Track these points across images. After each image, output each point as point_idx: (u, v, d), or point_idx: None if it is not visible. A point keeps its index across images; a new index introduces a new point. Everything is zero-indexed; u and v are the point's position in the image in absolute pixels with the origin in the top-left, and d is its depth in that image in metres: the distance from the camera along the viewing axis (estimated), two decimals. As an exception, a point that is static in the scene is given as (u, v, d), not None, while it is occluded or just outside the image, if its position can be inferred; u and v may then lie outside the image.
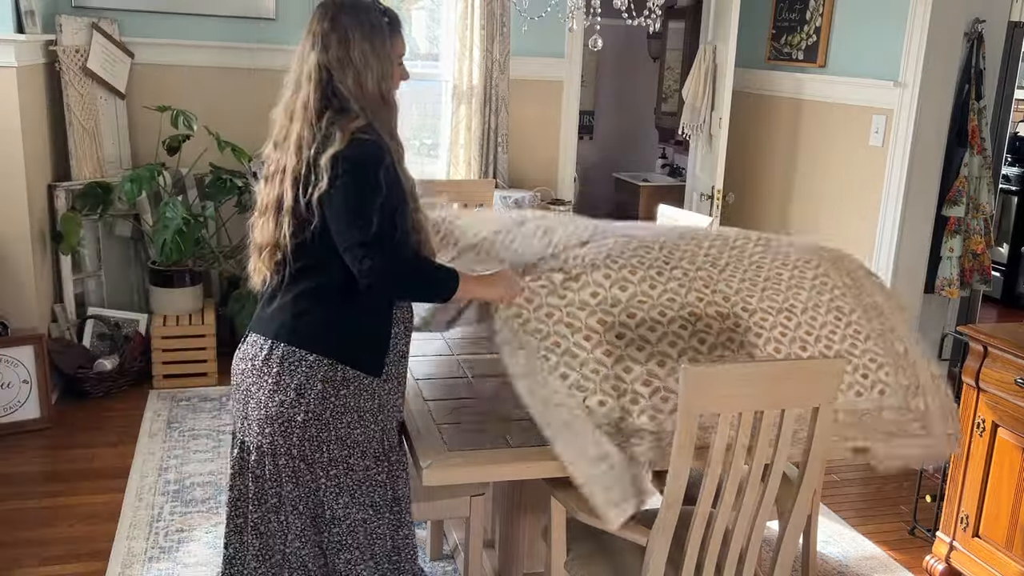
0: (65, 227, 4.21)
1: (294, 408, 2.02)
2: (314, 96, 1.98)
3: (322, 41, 1.99)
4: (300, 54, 2.04)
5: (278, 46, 4.84)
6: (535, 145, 5.39)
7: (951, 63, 4.01)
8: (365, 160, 1.95)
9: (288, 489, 2.07)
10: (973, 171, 4.08)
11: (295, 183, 1.97)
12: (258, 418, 2.06)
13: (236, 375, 2.14)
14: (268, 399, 2.04)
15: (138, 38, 4.63)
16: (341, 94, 1.98)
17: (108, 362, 4.24)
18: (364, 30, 1.99)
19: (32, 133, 4.01)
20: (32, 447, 3.74)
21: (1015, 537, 2.74)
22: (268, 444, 2.06)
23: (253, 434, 2.08)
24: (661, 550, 1.93)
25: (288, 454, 2.05)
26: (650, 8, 2.87)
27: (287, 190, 1.99)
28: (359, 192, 1.93)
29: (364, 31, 1.99)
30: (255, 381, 2.07)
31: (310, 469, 2.06)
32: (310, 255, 2.03)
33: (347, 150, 1.93)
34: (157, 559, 2.97)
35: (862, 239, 4.32)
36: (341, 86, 1.98)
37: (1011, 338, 2.76)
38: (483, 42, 5.02)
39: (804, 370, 1.93)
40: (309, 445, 2.04)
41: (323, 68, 1.98)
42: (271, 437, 2.05)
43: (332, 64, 1.98)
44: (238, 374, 2.13)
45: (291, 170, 1.98)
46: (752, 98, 5.24)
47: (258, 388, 2.06)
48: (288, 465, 2.06)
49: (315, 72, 1.99)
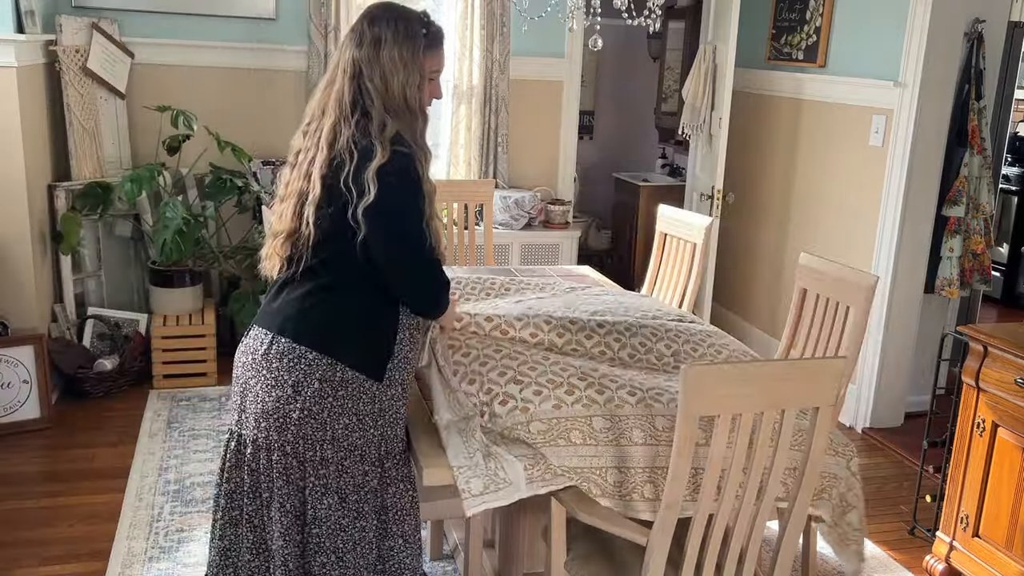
0: (65, 227, 4.21)
1: (290, 404, 2.03)
2: (348, 89, 2.04)
3: (359, 38, 2.07)
4: (340, 48, 2.12)
5: (278, 46, 4.84)
6: (535, 145, 5.39)
7: (951, 63, 4.01)
8: (409, 174, 2.02)
9: (278, 485, 2.07)
10: (973, 171, 4.08)
11: (323, 176, 2.01)
12: (255, 412, 2.07)
13: (237, 367, 2.15)
14: (266, 393, 2.05)
15: (138, 38, 4.63)
16: (368, 92, 2.03)
17: (108, 362, 4.24)
18: (399, 35, 2.05)
19: (32, 133, 4.01)
20: (32, 447, 3.74)
21: (1015, 537, 2.74)
22: (263, 439, 2.06)
23: (250, 428, 2.09)
24: (661, 550, 1.93)
25: (282, 450, 2.05)
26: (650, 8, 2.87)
27: (315, 182, 2.02)
28: (410, 207, 2.02)
29: (398, 36, 2.05)
30: (254, 375, 2.08)
31: (301, 467, 2.06)
32: (329, 252, 2.04)
33: (389, 165, 1.97)
34: (157, 559, 2.97)
35: (862, 239, 4.32)
36: (369, 84, 2.04)
37: (1011, 338, 2.76)
38: (483, 42, 5.02)
39: (804, 370, 1.93)
40: (303, 443, 2.04)
41: (356, 63, 2.05)
42: (266, 432, 2.05)
43: (363, 60, 2.04)
44: (239, 367, 2.14)
45: (321, 162, 2.02)
46: (752, 98, 5.24)
47: (256, 382, 2.07)
48: (280, 461, 2.06)
49: (349, 67, 2.05)
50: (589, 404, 2.17)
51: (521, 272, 3.73)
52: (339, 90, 2.05)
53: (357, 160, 1.98)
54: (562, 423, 2.12)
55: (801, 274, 2.98)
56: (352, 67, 2.05)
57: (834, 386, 1.90)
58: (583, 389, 2.21)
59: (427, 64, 2.09)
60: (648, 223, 5.93)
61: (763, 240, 5.19)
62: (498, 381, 2.23)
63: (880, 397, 4.30)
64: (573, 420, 2.13)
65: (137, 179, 4.24)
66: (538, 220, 5.28)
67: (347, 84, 2.04)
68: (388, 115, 2.02)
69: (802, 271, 2.97)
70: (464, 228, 4.12)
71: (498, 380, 2.23)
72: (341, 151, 2.00)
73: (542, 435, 2.10)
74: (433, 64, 2.12)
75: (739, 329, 5.42)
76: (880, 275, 4.01)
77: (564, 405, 2.16)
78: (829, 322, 2.85)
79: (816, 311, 2.91)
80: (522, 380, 2.23)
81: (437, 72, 2.14)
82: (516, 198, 5.11)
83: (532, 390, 2.20)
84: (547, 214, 5.30)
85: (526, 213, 5.17)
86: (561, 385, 2.22)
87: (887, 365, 4.27)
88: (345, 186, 1.98)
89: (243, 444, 2.12)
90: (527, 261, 5.22)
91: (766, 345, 5.10)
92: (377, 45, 2.04)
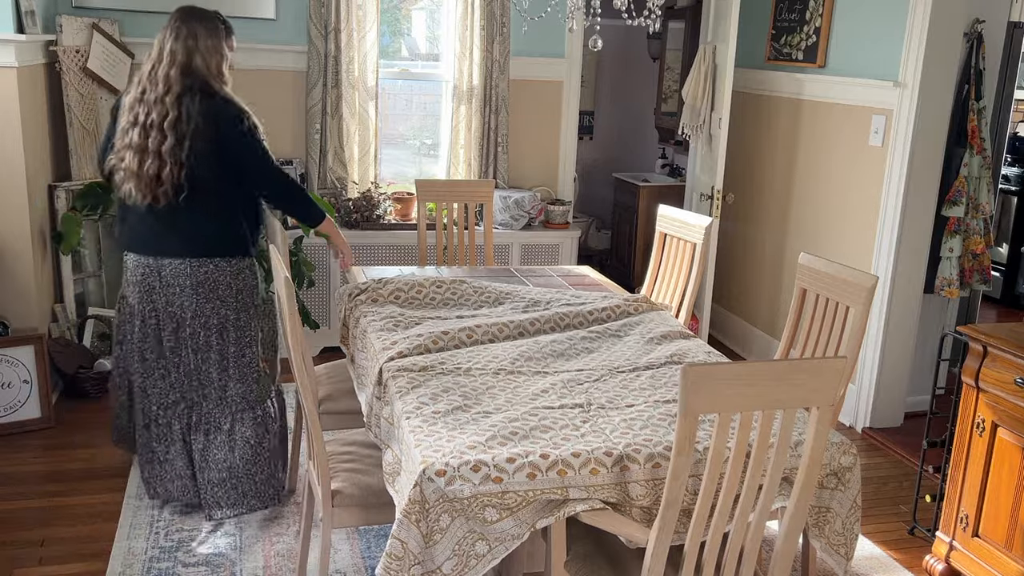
0: (65, 227, 4.21)
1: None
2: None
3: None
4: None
5: (278, 46, 4.84)
6: (535, 145, 5.40)
7: (951, 63, 4.01)
8: (252, 119, 3.07)
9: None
10: (973, 171, 4.08)
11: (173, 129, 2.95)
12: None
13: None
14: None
15: (138, 38, 4.63)
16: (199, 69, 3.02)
17: (108, 362, 4.24)
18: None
19: (32, 133, 4.01)
20: (32, 447, 3.74)
21: (1015, 537, 2.74)
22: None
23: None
24: (661, 550, 1.93)
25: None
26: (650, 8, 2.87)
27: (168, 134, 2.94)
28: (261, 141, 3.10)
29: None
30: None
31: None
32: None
33: (237, 110, 3.04)
34: (157, 559, 2.97)
35: (862, 239, 4.32)
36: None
37: (1011, 338, 2.77)
38: (483, 43, 5.03)
39: (804, 370, 1.93)
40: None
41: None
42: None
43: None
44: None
45: (171, 119, 2.93)
46: (752, 98, 5.24)
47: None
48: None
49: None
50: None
51: (521, 272, 3.73)
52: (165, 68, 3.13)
53: (200, 105, 3.08)
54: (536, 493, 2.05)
55: (801, 274, 2.98)
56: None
57: (834, 386, 1.90)
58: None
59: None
60: (648, 223, 5.93)
61: (763, 240, 5.19)
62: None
63: (880, 397, 4.31)
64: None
65: (137, 179, 4.23)
66: (538, 220, 5.28)
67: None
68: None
69: (802, 271, 2.98)
70: (464, 228, 4.12)
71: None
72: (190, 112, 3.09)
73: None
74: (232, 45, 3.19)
75: (739, 329, 5.43)
76: (880, 275, 4.02)
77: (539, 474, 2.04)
78: (829, 322, 2.85)
79: (816, 311, 2.91)
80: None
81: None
82: (516, 198, 5.12)
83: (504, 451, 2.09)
84: (547, 214, 5.31)
85: (526, 213, 5.18)
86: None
87: (887, 365, 4.27)
88: None
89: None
90: (527, 261, 5.22)
91: (766, 345, 5.10)
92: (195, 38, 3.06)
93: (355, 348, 2.95)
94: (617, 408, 2.34)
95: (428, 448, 2.05)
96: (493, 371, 2.54)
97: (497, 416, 2.24)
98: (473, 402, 2.32)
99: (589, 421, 2.25)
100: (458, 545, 1.98)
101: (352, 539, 3.14)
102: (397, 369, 2.50)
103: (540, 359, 2.66)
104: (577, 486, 2.03)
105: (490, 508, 1.99)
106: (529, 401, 2.35)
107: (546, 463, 2.03)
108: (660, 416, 2.29)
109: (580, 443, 2.11)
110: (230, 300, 3.10)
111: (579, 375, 2.56)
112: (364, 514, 2.49)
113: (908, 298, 4.23)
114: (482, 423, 2.19)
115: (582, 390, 2.45)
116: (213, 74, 3.03)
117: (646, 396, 2.42)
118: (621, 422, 2.24)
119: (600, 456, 2.06)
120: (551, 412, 2.29)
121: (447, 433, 2.13)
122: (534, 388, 2.45)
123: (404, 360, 2.56)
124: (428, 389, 2.38)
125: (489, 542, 2.00)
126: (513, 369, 2.56)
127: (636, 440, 2.13)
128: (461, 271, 3.73)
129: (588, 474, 2.04)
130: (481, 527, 1.99)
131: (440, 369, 2.52)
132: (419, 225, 4.08)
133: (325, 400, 3.07)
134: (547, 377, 2.53)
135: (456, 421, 2.20)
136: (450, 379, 2.46)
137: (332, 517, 2.46)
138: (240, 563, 2.97)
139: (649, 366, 2.64)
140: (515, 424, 2.19)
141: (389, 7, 5.32)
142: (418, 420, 2.20)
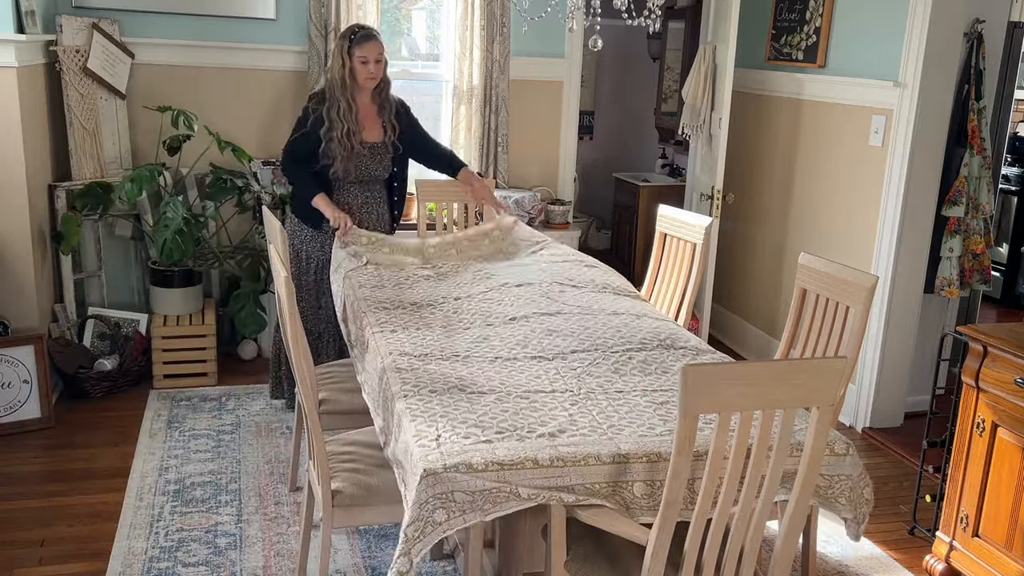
0: (65, 227, 4.21)
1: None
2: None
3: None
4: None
5: (278, 46, 4.84)
6: (535, 145, 5.39)
7: (951, 63, 4.01)
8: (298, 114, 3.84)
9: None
10: (973, 171, 4.08)
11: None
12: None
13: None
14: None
15: (138, 38, 4.63)
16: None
17: (108, 362, 4.24)
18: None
19: (32, 133, 4.01)
20: (32, 447, 3.74)
21: (1015, 537, 2.74)
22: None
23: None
24: (661, 550, 1.93)
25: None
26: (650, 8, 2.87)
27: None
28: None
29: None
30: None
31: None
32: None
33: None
34: (157, 559, 2.97)
35: (862, 239, 4.32)
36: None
37: (1011, 338, 2.77)
38: (483, 43, 5.02)
39: (804, 370, 1.93)
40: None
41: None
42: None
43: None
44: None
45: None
46: (752, 98, 5.24)
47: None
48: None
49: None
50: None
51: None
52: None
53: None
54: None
55: (801, 274, 2.98)
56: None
57: (834, 386, 1.90)
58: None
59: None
60: (648, 223, 5.93)
61: (763, 240, 5.19)
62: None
63: (880, 397, 4.31)
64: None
65: (137, 179, 4.24)
66: (538, 220, 5.28)
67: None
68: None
69: (802, 271, 2.98)
70: (464, 228, 4.12)
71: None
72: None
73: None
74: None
75: (739, 329, 5.43)
76: (880, 275, 4.02)
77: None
78: (829, 322, 2.85)
79: (816, 311, 2.91)
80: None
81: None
82: (516, 198, 5.11)
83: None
84: (547, 214, 5.30)
85: (526, 213, 5.17)
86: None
87: (887, 365, 4.27)
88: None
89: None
90: (527, 261, 5.21)
91: (766, 345, 5.10)
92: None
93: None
94: (606, 393, 2.39)
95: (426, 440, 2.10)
96: (491, 358, 2.60)
97: (489, 397, 2.30)
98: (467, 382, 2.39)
99: (578, 404, 2.30)
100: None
101: (352, 539, 3.14)
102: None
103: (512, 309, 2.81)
104: (577, 484, 2.03)
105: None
106: (521, 385, 2.42)
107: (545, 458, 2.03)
108: (647, 404, 2.34)
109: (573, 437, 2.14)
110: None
111: (574, 358, 2.61)
112: (364, 514, 2.49)
113: (908, 298, 4.22)
114: (476, 403, 2.27)
115: (574, 375, 2.49)
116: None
117: (635, 382, 2.47)
118: (612, 410, 2.29)
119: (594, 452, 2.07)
120: (542, 396, 2.34)
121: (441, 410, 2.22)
122: (528, 373, 2.50)
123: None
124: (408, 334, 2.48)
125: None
126: (509, 356, 2.63)
127: (630, 436, 2.14)
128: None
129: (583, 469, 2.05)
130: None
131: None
132: (419, 225, 4.08)
133: (325, 400, 3.08)
134: (541, 362, 2.58)
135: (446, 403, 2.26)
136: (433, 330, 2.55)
137: (332, 517, 2.46)
138: (240, 563, 2.98)
139: (642, 347, 2.71)
140: (505, 407, 2.26)
141: (389, 7, 5.31)
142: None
